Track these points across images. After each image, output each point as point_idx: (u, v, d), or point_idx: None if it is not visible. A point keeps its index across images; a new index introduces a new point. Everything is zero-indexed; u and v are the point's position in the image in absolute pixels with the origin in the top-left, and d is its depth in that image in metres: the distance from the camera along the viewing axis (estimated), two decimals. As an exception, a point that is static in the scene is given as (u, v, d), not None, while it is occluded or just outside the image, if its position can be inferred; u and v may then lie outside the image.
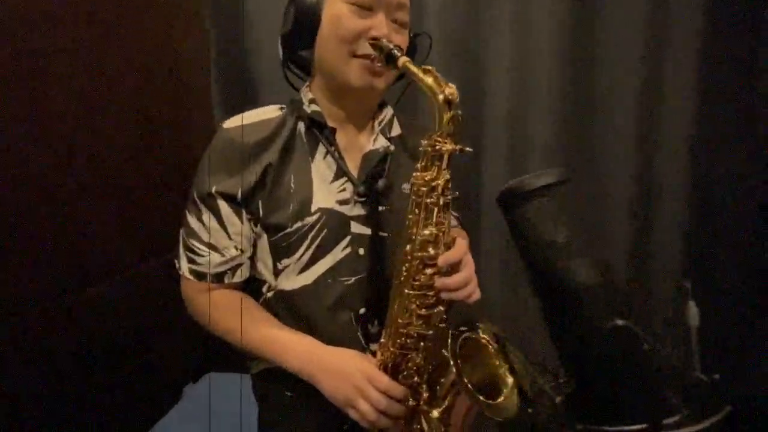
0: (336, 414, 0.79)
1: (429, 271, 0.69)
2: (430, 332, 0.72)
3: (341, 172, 0.83)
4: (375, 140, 0.87)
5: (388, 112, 0.92)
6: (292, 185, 0.81)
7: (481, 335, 0.73)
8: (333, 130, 0.84)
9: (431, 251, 0.69)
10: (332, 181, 0.83)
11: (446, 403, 0.73)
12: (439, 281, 0.69)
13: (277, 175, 0.81)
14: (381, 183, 0.80)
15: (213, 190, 0.80)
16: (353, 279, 0.82)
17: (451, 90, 0.64)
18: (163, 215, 1.31)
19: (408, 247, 0.71)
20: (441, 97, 0.64)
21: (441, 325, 0.72)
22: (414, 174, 0.70)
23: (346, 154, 0.85)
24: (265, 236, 0.82)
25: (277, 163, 0.80)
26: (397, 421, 0.75)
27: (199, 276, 0.84)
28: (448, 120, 0.64)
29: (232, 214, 0.81)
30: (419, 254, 0.69)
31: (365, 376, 0.76)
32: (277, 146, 0.82)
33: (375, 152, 0.86)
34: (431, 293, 0.71)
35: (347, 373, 0.77)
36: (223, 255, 0.83)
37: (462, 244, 0.71)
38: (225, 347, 0.85)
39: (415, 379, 0.76)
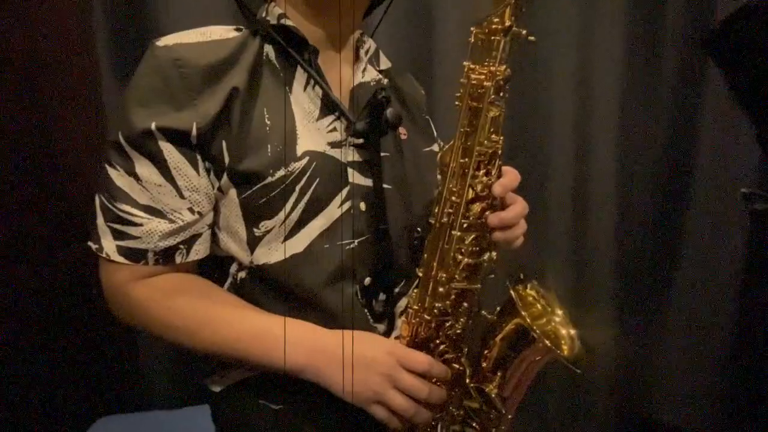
0: (344, 422, 0.60)
1: (477, 206, 0.55)
2: (478, 286, 0.57)
3: (330, 106, 0.64)
4: (364, 71, 0.71)
5: (372, 43, 0.76)
6: (267, 121, 0.60)
7: (529, 291, 0.61)
8: (315, 51, 0.65)
9: (483, 177, 0.54)
10: (319, 118, 0.64)
11: (498, 375, 0.59)
12: (495, 216, 0.55)
13: (246, 106, 0.59)
14: (390, 114, 0.63)
15: (153, 126, 0.56)
16: (356, 242, 0.63)
17: None
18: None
19: (450, 175, 0.55)
20: None
21: (491, 276, 0.57)
22: (465, 77, 0.55)
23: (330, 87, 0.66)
24: (233, 193, 0.60)
25: (245, 89, 0.59)
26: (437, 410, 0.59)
27: (136, 255, 0.58)
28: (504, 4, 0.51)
29: (183, 161, 0.58)
30: (471, 181, 0.54)
31: (395, 358, 0.58)
32: (243, 69, 0.60)
33: (365, 86, 0.68)
34: (479, 235, 0.56)
35: (369, 358, 0.58)
36: (172, 221, 0.58)
37: (513, 170, 0.58)
38: (119, 381, 0.59)
39: (453, 353, 0.60)
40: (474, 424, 0.60)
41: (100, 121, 1.04)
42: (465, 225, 0.55)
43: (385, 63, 0.76)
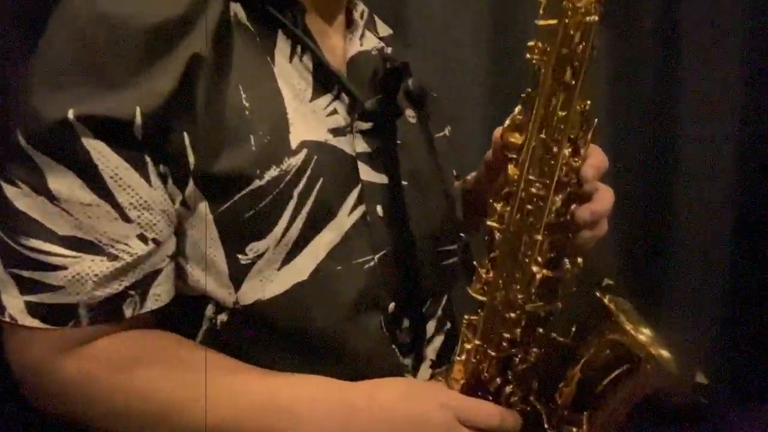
0: None
1: (558, 198, 0.40)
2: (558, 305, 0.43)
3: (325, 82, 0.47)
4: (362, 39, 0.54)
5: (364, 7, 0.59)
6: (245, 102, 0.42)
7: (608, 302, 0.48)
8: (302, 10, 0.47)
9: (570, 159, 0.39)
10: (313, 98, 0.46)
11: (585, 415, 0.45)
12: (585, 210, 0.40)
13: (213, 82, 0.41)
14: (414, 86, 0.47)
15: (70, 115, 0.36)
16: (375, 258, 0.47)
17: None
18: None
19: (527, 157, 0.39)
20: None
21: (573, 289, 0.43)
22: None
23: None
24: (203, 207, 0.41)
25: (211, 60, 0.41)
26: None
27: (60, 315, 0.38)
28: None
29: (124, 166, 0.38)
30: (562, 162, 0.38)
31: (452, 413, 0.43)
32: (203, 32, 0.41)
33: (366, 55, 0.52)
34: (559, 238, 0.41)
35: (419, 417, 0.43)
36: (114, 257, 0.39)
37: (598, 148, 0.44)
38: None
39: (521, 393, 0.46)
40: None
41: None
42: (547, 224, 0.40)
43: (384, 29, 0.59)
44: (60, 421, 0.41)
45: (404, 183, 0.50)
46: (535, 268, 0.41)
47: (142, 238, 0.40)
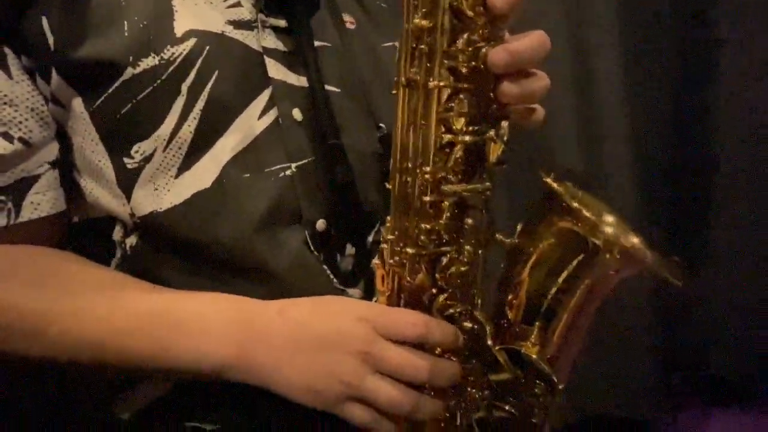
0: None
1: (463, 40, 0.32)
2: (488, 185, 0.35)
3: None
4: None
5: None
6: None
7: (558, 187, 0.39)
8: None
9: None
10: None
11: (536, 324, 0.37)
12: (500, 51, 0.32)
13: None
14: None
15: None
16: (293, 167, 0.42)
17: None
18: None
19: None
20: None
21: (502, 166, 0.35)
22: None
23: None
24: (78, 104, 0.38)
25: None
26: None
27: None
28: None
29: None
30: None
31: (371, 325, 0.36)
32: None
33: None
34: (477, 99, 0.34)
35: (332, 334, 0.37)
36: None
37: None
38: None
39: (462, 306, 0.38)
40: (508, 407, 0.39)
41: None
42: (448, 75, 0.32)
43: None
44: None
45: (336, 89, 0.45)
46: (445, 133, 0.33)
47: (6, 136, 0.36)
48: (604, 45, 1.08)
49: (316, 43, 0.44)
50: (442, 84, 0.32)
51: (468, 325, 0.39)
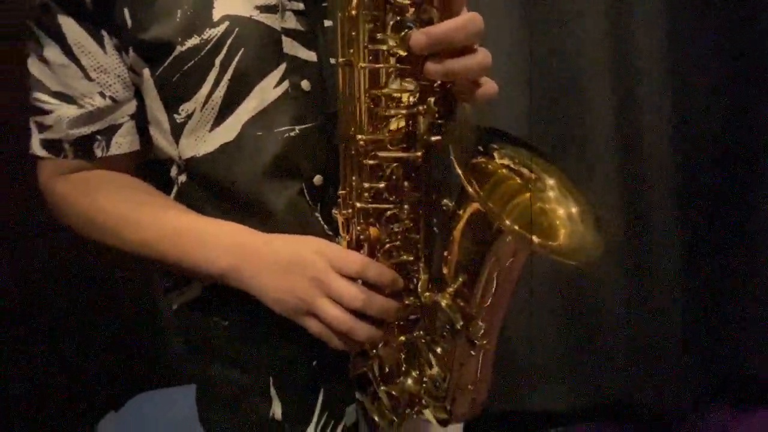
0: (299, 342, 0.50)
1: (395, 24, 0.37)
2: (419, 154, 0.41)
3: None
4: None
5: None
6: None
7: (499, 161, 0.42)
8: None
9: None
10: None
11: (459, 281, 0.43)
12: (420, 32, 0.37)
13: None
14: None
15: None
16: (297, 129, 0.51)
17: None
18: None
19: None
20: None
21: (434, 139, 0.40)
22: None
23: None
24: (147, 72, 0.52)
25: None
26: (388, 326, 0.45)
27: (54, 147, 0.53)
28: None
29: (84, 36, 0.51)
30: None
31: (326, 259, 0.45)
32: None
33: None
34: (409, 71, 0.39)
35: (296, 260, 0.47)
36: (81, 107, 0.52)
37: None
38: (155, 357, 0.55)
39: (406, 255, 0.45)
40: (438, 349, 0.45)
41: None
42: (378, 55, 0.38)
43: None
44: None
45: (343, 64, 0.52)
46: (383, 109, 0.39)
47: (102, 95, 0.52)
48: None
49: (326, 23, 0.52)
50: (370, 66, 0.38)
51: (413, 271, 0.45)
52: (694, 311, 1.10)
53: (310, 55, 0.52)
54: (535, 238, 0.36)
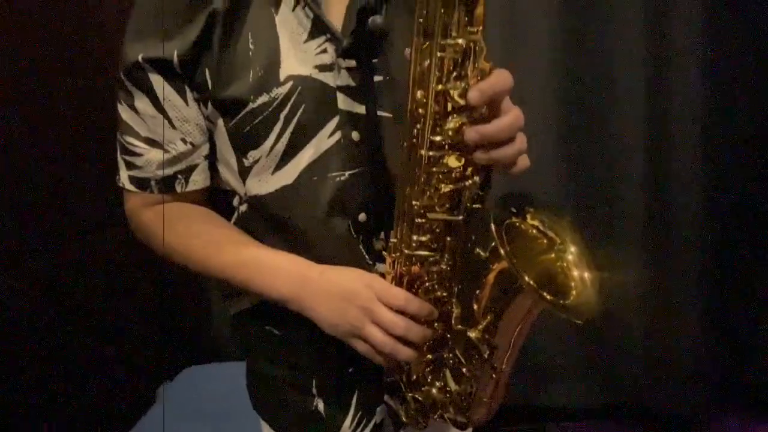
0: (339, 352, 0.59)
1: (455, 119, 0.47)
2: (461, 218, 0.50)
3: (319, 26, 0.59)
4: None
5: None
6: (251, 45, 0.58)
7: (530, 221, 0.52)
8: None
9: (457, 83, 0.46)
10: (307, 40, 0.60)
11: (488, 319, 0.52)
12: (473, 131, 0.47)
13: (227, 28, 0.57)
14: (377, 21, 0.56)
15: (140, 57, 0.57)
16: (347, 174, 0.60)
17: None
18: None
19: (412, 79, 0.47)
20: None
21: (475, 206, 0.50)
22: None
23: (326, 8, 0.61)
24: (221, 123, 0.60)
25: (226, 12, 0.57)
26: (421, 350, 0.55)
27: (142, 184, 0.62)
28: None
29: (171, 92, 0.59)
30: (438, 87, 0.46)
31: (373, 292, 0.55)
32: None
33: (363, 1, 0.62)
34: (459, 155, 0.48)
35: (348, 292, 0.56)
36: (167, 151, 0.61)
37: (503, 72, 0.48)
38: (203, 336, 0.65)
39: (441, 292, 0.55)
40: (464, 370, 0.55)
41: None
42: (438, 143, 0.47)
43: None
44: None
45: (387, 114, 0.60)
46: (434, 180, 0.49)
47: (183, 141, 0.61)
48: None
49: (376, 78, 0.60)
50: (427, 154, 0.47)
51: (449, 308, 0.55)
52: (713, 315, 1.13)
53: (359, 108, 0.60)
54: (547, 296, 0.45)
